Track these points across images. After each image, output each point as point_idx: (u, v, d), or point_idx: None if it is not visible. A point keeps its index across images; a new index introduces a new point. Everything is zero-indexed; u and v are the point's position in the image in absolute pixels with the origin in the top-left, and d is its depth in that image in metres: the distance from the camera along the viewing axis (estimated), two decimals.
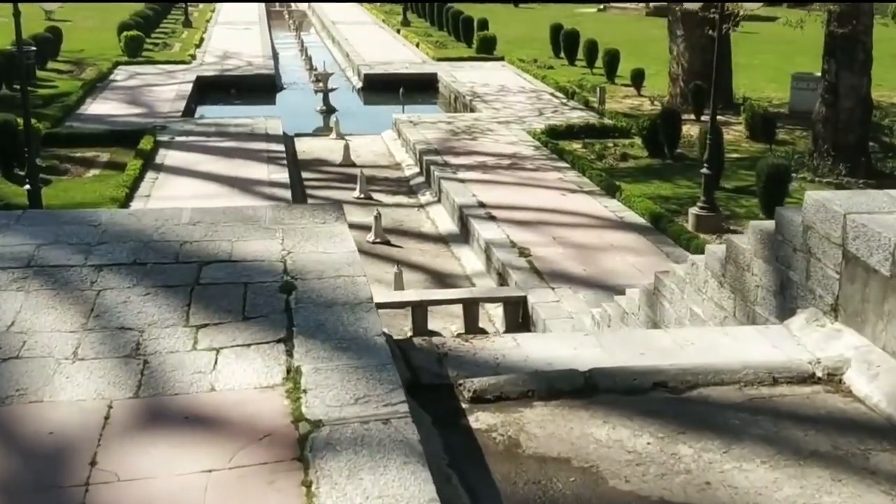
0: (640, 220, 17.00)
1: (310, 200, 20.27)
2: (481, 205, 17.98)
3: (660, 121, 22.21)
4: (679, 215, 17.61)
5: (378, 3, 66.83)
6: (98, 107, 27.81)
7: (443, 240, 17.95)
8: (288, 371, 4.60)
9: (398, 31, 48.33)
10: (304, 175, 22.37)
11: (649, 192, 19.32)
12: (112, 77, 32.97)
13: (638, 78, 31.29)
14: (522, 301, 13.49)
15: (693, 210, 17.11)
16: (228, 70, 35.27)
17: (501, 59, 38.14)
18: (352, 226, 17.49)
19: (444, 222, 18.76)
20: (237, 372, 4.64)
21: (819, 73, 29.23)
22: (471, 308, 13.51)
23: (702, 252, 14.92)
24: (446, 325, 13.94)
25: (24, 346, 4.92)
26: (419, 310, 13.35)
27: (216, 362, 4.72)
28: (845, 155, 20.36)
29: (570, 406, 4.96)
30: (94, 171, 20.95)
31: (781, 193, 17.58)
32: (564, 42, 37.99)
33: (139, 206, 17.77)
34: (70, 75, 33.60)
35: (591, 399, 5.02)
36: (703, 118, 26.10)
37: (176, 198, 18.38)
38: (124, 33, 37.61)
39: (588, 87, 31.68)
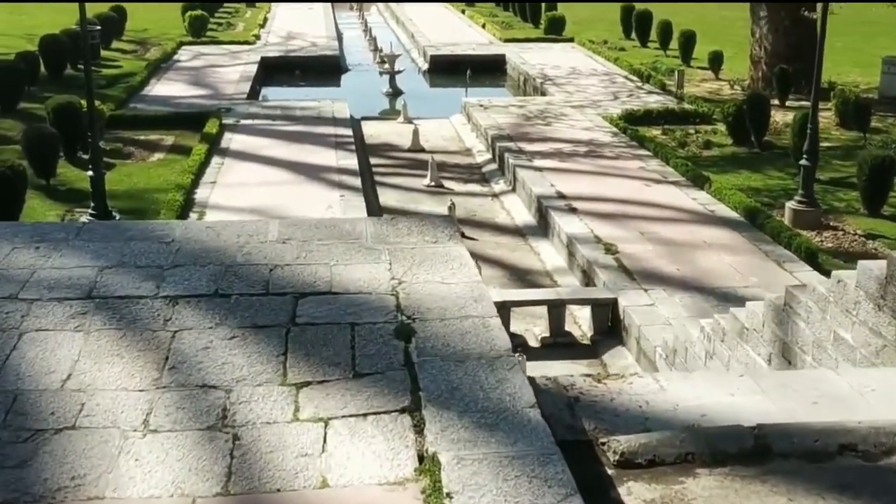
0: (733, 215, 15.93)
1: (379, 188, 19.49)
2: (560, 195, 17.04)
3: (746, 106, 21.03)
4: (773, 209, 16.53)
5: None
6: (162, 88, 27.27)
7: (519, 232, 17.04)
8: (420, 458, 3.65)
9: (463, 12, 47.29)
10: (372, 161, 21.57)
11: (738, 183, 18.23)
12: (176, 57, 32.45)
13: (716, 61, 30.02)
14: (612, 303, 12.55)
15: (790, 204, 16.00)
16: (293, 51, 34.60)
17: (571, 40, 36.99)
18: (422, 215, 16.67)
19: (520, 213, 17.85)
20: (353, 456, 3.70)
21: None
22: (556, 310, 12.61)
23: (806, 252, 13.93)
24: (528, 326, 13.07)
25: (83, 410, 4.02)
26: (501, 311, 12.43)
27: (325, 440, 3.78)
28: None
29: (741, 476, 4.06)
30: (158, 155, 20.36)
31: (886, 187, 16.42)
32: (636, 23, 36.71)
33: (205, 193, 17.10)
34: (134, 55, 33.18)
35: (764, 466, 4.12)
36: (788, 103, 24.87)
37: (242, 184, 17.70)
38: (188, 13, 37.09)
39: (663, 69, 30.48)
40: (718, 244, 14.54)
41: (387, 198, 18.92)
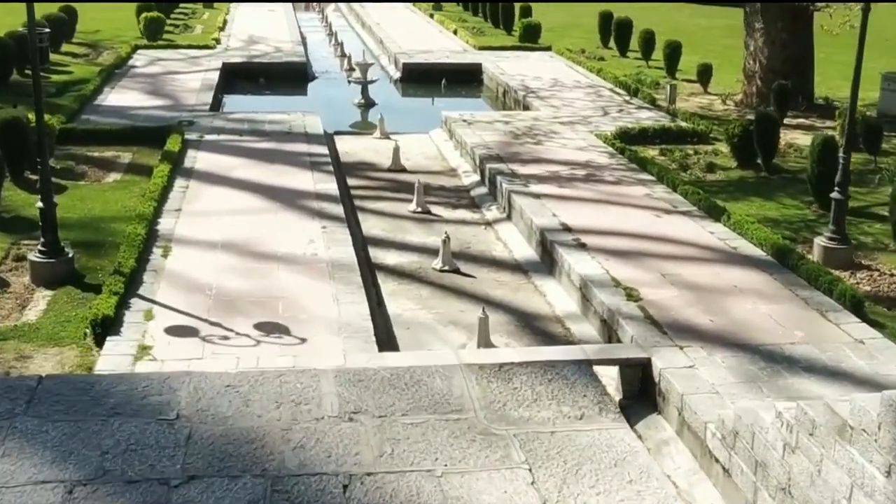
0: (759, 253, 14.43)
1: (360, 214, 17.76)
2: (565, 227, 15.44)
3: (754, 126, 19.59)
4: (796, 243, 15.08)
5: None
6: (117, 97, 25.30)
7: (520, 268, 15.41)
8: None
9: (431, 16, 45.64)
10: (350, 182, 19.84)
11: (752, 212, 16.78)
12: (131, 62, 30.45)
13: (705, 74, 28.73)
14: (645, 364, 10.96)
15: (820, 241, 14.55)
16: (256, 56, 32.72)
17: (548, 48, 35.51)
18: (411, 247, 14.91)
19: (519, 245, 16.22)
20: None
21: None
22: None
23: (851, 300, 12.36)
24: None
25: None
26: None
27: None
28: None
29: None
30: (114, 176, 18.45)
31: None
32: (616, 31, 35.38)
33: (169, 223, 15.26)
34: (86, 59, 31.21)
35: None
36: (786, 121, 23.51)
37: (211, 213, 15.89)
38: (143, 14, 35.08)
39: (648, 82, 29.09)
40: (750, 289, 13.02)
41: (370, 226, 17.20)
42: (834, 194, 14.50)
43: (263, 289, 12.77)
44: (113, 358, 10.66)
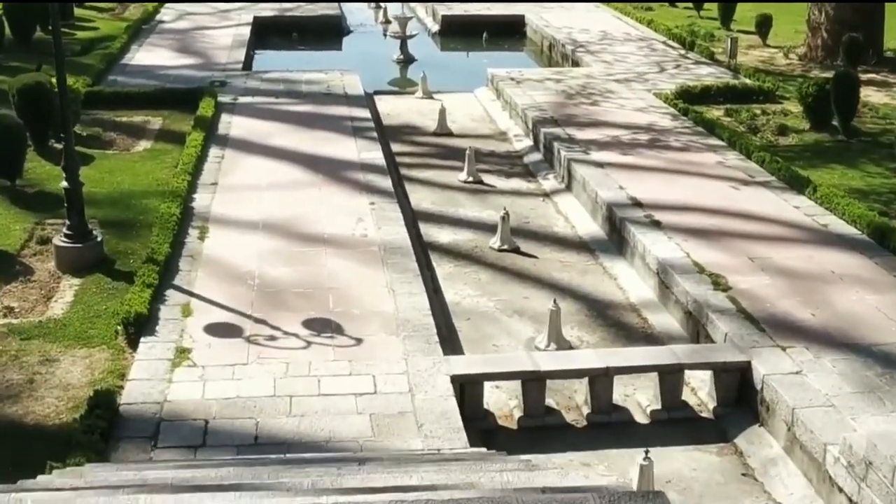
0: (853, 231, 13.07)
1: (407, 185, 16.51)
2: (634, 202, 14.12)
3: (832, 85, 18.05)
4: (889, 219, 13.69)
5: None
6: (145, 55, 24.03)
7: (586, 247, 14.14)
8: None
9: None
10: (394, 147, 18.54)
11: (835, 182, 15.39)
12: (159, 17, 29.09)
13: (764, 25, 26.97)
14: (744, 368, 9.72)
15: None
16: (289, 10, 31.23)
17: None
18: (466, 223, 13.61)
19: (582, 220, 14.94)
20: None
21: None
22: (670, 376, 9.76)
23: None
24: (630, 391, 10.23)
25: None
26: (603, 380, 9.63)
27: None
28: None
29: None
30: (144, 144, 17.26)
31: None
32: None
33: (205, 199, 14.08)
34: (112, 14, 29.86)
35: None
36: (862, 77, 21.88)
37: (249, 187, 14.69)
38: None
39: (703, 34, 27.44)
40: (850, 275, 11.69)
41: (419, 198, 15.95)
42: None
43: (311, 277, 11.58)
44: (148, 364, 9.54)
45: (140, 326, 10.10)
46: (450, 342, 10.95)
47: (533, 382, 9.51)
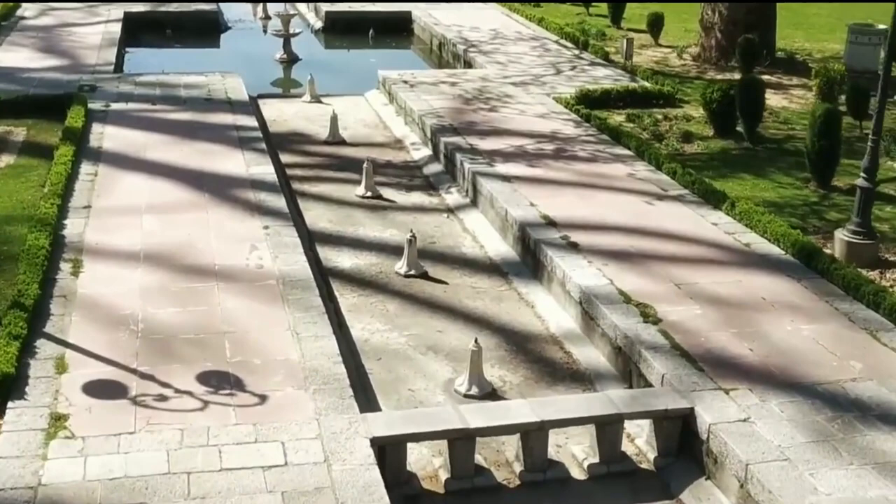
0: (776, 251, 12.51)
1: (300, 201, 15.35)
2: (548, 221, 13.29)
3: (737, 90, 17.60)
4: (807, 234, 13.21)
5: None
6: (6, 56, 22.13)
7: (498, 270, 13.25)
8: None
9: None
10: (284, 158, 17.31)
11: (746, 194, 14.91)
12: (20, 13, 27.00)
13: (656, 24, 26.66)
14: (686, 415, 8.96)
15: (842, 235, 12.69)
16: (161, 4, 29.43)
17: None
18: (367, 245, 12.53)
19: (491, 239, 14.05)
20: None
21: (881, 26, 24.95)
22: (609, 427, 8.94)
23: None
24: (560, 441, 9.37)
25: None
26: (538, 435, 8.74)
27: None
28: None
29: None
30: (6, 159, 15.60)
31: None
32: None
33: (77, 226, 12.63)
34: None
35: None
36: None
37: (127, 210, 13.27)
38: None
39: (594, 33, 26.94)
40: (781, 302, 11.09)
41: (315, 216, 14.81)
42: (860, 181, 12.62)
43: (203, 319, 10.34)
44: (17, 437, 8.18)
45: (7, 389, 8.73)
46: (362, 389, 9.91)
47: (461, 441, 8.54)
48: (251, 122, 17.78)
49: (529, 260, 12.96)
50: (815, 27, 30.42)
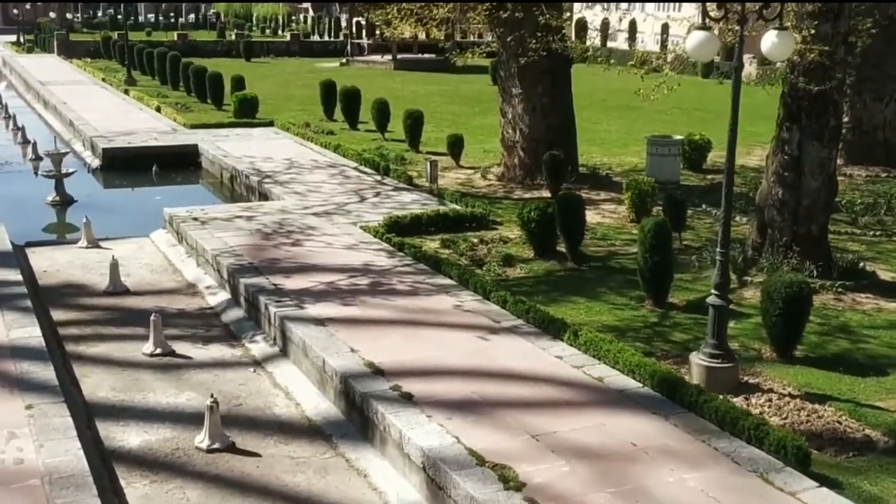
0: (633, 385, 11.11)
1: (75, 366, 12.90)
2: (374, 370, 11.45)
3: (557, 209, 16.57)
4: (657, 359, 11.94)
5: (89, 60, 59.03)
6: None
7: (319, 433, 11.22)
8: None
9: (126, 93, 40.38)
10: (56, 315, 14.82)
11: (581, 318, 13.67)
12: None
13: (456, 146, 25.83)
14: None
15: (698, 359, 11.47)
16: None
17: (271, 123, 31.63)
18: (159, 415, 9.73)
19: (308, 395, 12.05)
20: None
21: (677, 137, 25.03)
22: None
23: (795, 453, 8.86)
24: None
25: None
26: None
27: None
28: (806, 250, 15.57)
29: None
30: None
31: (801, 324, 12.39)
32: (344, 102, 32.00)
33: None
34: None
35: None
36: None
37: None
38: None
39: (392, 157, 25.85)
40: (654, 447, 9.61)
41: (94, 384, 12.38)
42: (712, 299, 11.47)
43: None
44: None
45: None
46: None
47: None
48: (14, 275, 15.24)
49: (356, 417, 11.03)
50: (608, 142, 30.62)
